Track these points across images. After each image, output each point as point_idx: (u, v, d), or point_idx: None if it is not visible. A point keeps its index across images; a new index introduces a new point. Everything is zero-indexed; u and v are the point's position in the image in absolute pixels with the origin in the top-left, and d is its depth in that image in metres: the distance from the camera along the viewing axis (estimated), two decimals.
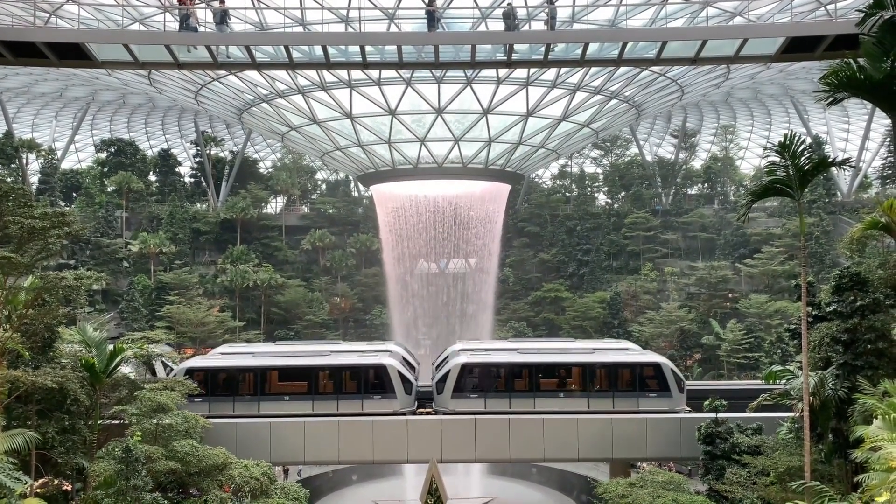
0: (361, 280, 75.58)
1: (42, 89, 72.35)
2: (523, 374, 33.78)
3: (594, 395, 33.09)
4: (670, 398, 32.68)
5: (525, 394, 33.13)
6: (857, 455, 17.46)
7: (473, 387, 33.14)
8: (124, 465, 21.90)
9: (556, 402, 33.02)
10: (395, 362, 33.55)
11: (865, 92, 22.24)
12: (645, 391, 33.00)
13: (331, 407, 32.43)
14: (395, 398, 32.53)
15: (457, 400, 32.61)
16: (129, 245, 71.93)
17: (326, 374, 33.34)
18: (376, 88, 51.78)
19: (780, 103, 79.64)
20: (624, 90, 53.78)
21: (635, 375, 33.51)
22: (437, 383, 33.42)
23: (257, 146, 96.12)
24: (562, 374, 34.29)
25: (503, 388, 33.44)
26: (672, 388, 32.78)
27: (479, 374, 33.65)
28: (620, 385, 33.38)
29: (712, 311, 67.65)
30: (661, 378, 32.90)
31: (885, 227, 22.60)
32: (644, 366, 33.67)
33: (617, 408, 32.71)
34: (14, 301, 24.77)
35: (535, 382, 33.48)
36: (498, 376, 33.84)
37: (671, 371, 33.05)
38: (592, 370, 33.82)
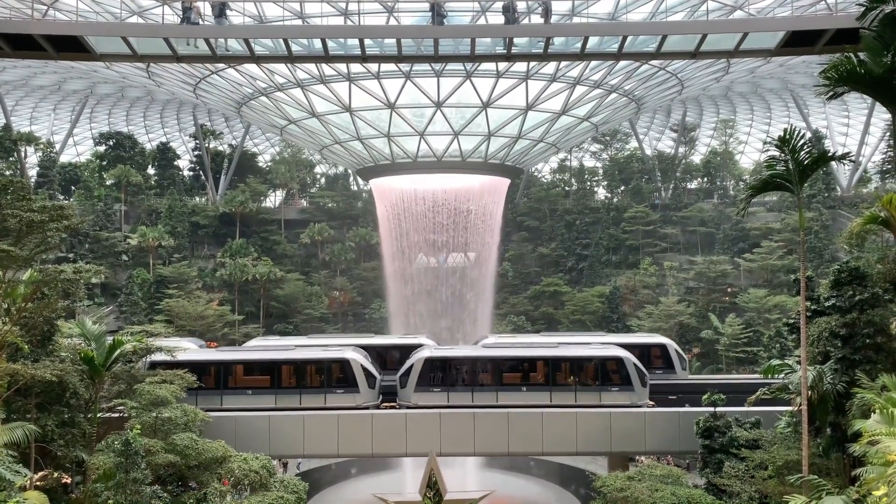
0: (360, 274, 75.58)
1: (40, 82, 72.14)
2: (487, 369, 33.96)
3: (557, 389, 33.20)
4: (632, 392, 32.76)
5: (488, 388, 33.33)
6: (854, 449, 17.50)
7: (437, 381, 33.21)
8: (124, 458, 21.93)
9: (520, 395, 33.09)
10: (358, 356, 33.63)
11: (866, 86, 22.21)
12: (608, 385, 33.14)
13: (293, 401, 32.45)
14: (358, 392, 32.58)
15: (420, 394, 32.70)
16: (127, 238, 71.86)
17: (290, 369, 33.37)
18: (375, 82, 51.67)
19: (780, 97, 79.56)
20: (624, 84, 53.67)
21: (598, 369, 33.67)
22: (401, 377, 33.55)
23: (256, 140, 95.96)
24: (525, 368, 34.37)
25: (466, 382, 33.61)
26: (634, 383, 32.86)
27: (443, 369, 33.73)
28: (583, 379, 33.55)
29: (711, 306, 67.71)
30: (624, 372, 33.03)
31: (884, 221, 22.59)
32: (606, 360, 33.74)
33: (579, 402, 32.82)
34: (13, 294, 24.75)
35: (499, 376, 33.63)
36: (461, 370, 33.95)
37: (633, 365, 33.13)
38: (555, 364, 33.97)
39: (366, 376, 32.99)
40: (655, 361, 38.84)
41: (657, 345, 39.82)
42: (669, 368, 38.49)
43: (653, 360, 38.75)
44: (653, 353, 39.05)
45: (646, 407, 32.86)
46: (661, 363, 38.84)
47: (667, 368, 38.48)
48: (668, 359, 38.89)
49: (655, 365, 38.61)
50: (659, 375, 37.59)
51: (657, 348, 39.44)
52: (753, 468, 24.95)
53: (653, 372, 37.38)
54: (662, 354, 39.10)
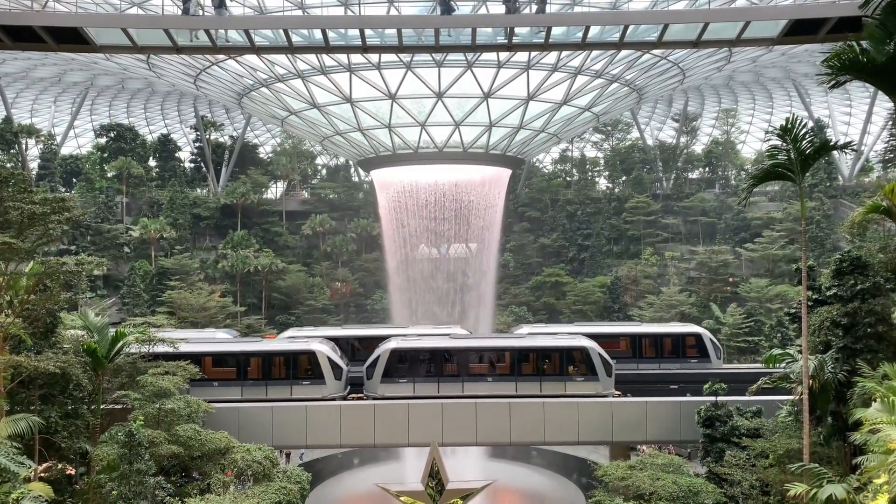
0: (362, 265, 75.65)
1: (40, 74, 72.02)
2: (452, 360, 34.00)
3: (522, 379, 33.24)
4: (597, 382, 32.82)
5: (454, 378, 33.36)
6: (855, 437, 17.54)
7: (403, 372, 33.28)
8: (127, 450, 22.04)
9: (486, 386, 33.15)
10: (325, 348, 33.67)
11: (868, 75, 22.04)
12: (573, 375, 33.22)
13: (260, 393, 32.47)
14: (325, 384, 32.67)
15: (386, 385, 32.74)
16: (129, 230, 71.94)
17: (258, 361, 33.37)
18: (376, 72, 51.53)
19: (782, 86, 79.24)
20: (625, 74, 53.49)
21: (563, 360, 33.69)
22: (368, 369, 33.59)
23: (257, 131, 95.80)
24: (491, 358, 34.41)
25: (433, 373, 33.63)
26: (599, 373, 32.91)
27: (409, 360, 33.75)
28: (549, 369, 33.56)
29: (713, 296, 67.74)
30: (589, 362, 33.08)
31: (886, 210, 22.52)
32: (572, 350, 33.74)
33: (545, 392, 32.83)
34: (15, 286, 24.80)
35: (465, 367, 33.69)
36: (427, 361, 33.97)
37: (599, 355, 33.18)
38: (521, 355, 33.99)
39: (332, 368, 33.08)
40: (690, 351, 38.56)
41: (692, 334, 39.47)
42: (704, 357, 38.03)
43: (687, 350, 38.56)
44: (687, 343, 38.75)
45: (611, 397, 32.92)
46: (695, 352, 38.45)
47: (702, 357, 38.04)
48: (703, 348, 38.43)
49: (690, 354, 38.39)
50: (694, 364, 37.43)
51: (692, 337, 39.09)
52: (754, 457, 25.02)
53: (687, 361, 37.46)
54: (697, 343, 38.69)
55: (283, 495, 24.79)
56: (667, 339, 39.09)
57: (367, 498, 42.58)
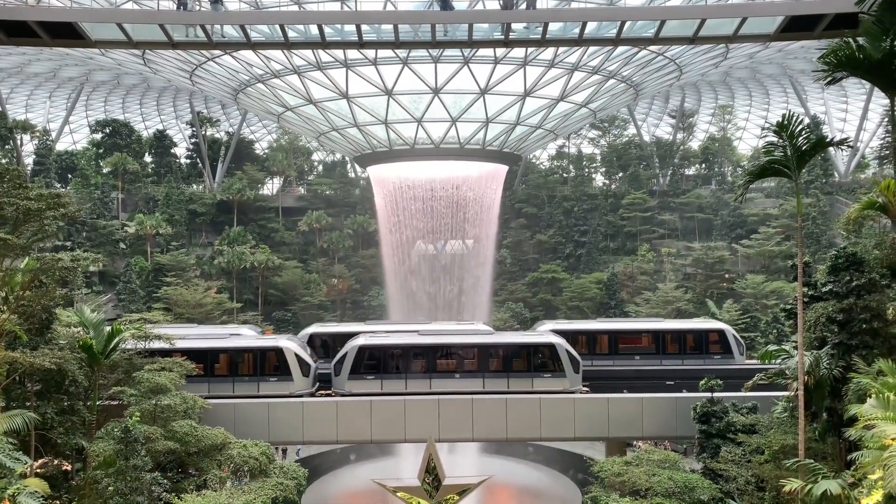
0: (359, 261, 75.58)
1: (35, 69, 71.70)
2: (419, 356, 34.09)
3: (489, 376, 33.33)
4: (564, 378, 32.92)
5: (421, 375, 33.50)
6: (851, 433, 17.61)
7: (370, 368, 33.34)
8: (124, 446, 22.00)
9: (452, 382, 33.24)
10: (292, 345, 33.73)
11: (864, 71, 22.10)
12: (540, 371, 33.22)
13: (227, 389, 32.47)
14: (292, 380, 32.75)
15: (353, 381, 32.82)
16: (125, 226, 71.75)
17: (226, 358, 33.34)
18: (373, 68, 51.45)
19: (779, 83, 79.33)
20: (622, 70, 53.48)
21: (530, 356, 33.74)
22: (335, 365, 33.67)
23: (253, 127, 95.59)
24: (458, 355, 34.49)
25: (399, 369, 33.74)
26: (566, 369, 32.97)
27: (376, 357, 33.81)
28: (515, 366, 33.61)
29: (709, 292, 67.85)
30: (556, 359, 33.14)
31: (881, 207, 22.60)
32: (539, 347, 33.80)
33: (511, 388, 32.91)
34: (10, 283, 24.71)
35: (432, 364, 33.74)
36: (394, 358, 34.06)
37: (566, 352, 33.25)
38: (487, 351, 34.04)
39: (300, 364, 33.16)
40: (713, 347, 38.09)
41: (715, 330, 39.06)
42: (727, 353, 37.60)
43: (710, 346, 38.11)
44: (710, 339, 38.28)
45: (578, 393, 32.96)
46: (718, 349, 37.98)
47: (724, 354, 37.59)
48: (727, 344, 38.00)
49: (713, 350, 37.92)
50: (717, 361, 36.97)
51: (715, 333, 38.63)
52: (750, 453, 25.08)
53: (710, 357, 37.07)
54: (721, 339, 38.20)
55: (279, 491, 24.82)
56: (690, 336, 38.64)
57: (364, 494, 42.65)
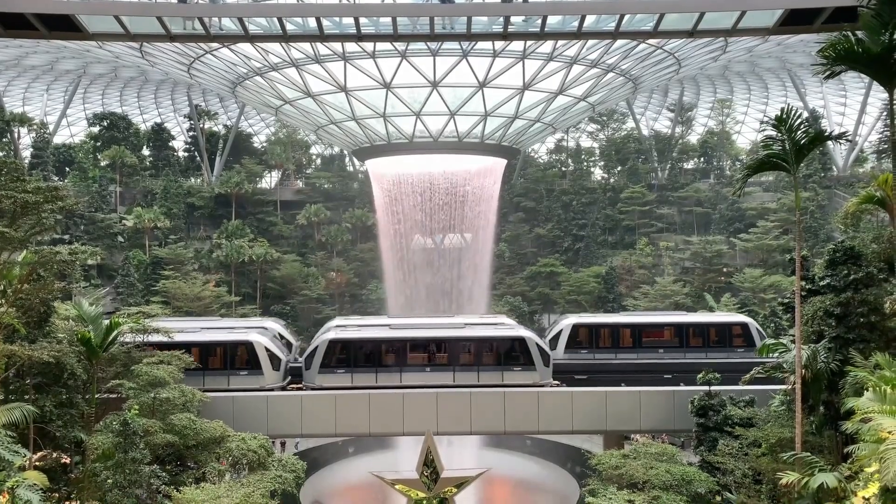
0: (357, 255, 75.54)
1: (32, 62, 71.46)
2: (389, 350, 34.17)
3: (459, 370, 33.42)
4: (534, 372, 33.05)
5: (391, 368, 33.55)
6: (847, 426, 17.68)
7: (340, 362, 33.41)
8: (122, 438, 22.05)
9: (422, 376, 33.30)
10: (263, 339, 33.75)
11: (863, 65, 22.09)
12: (510, 365, 33.37)
13: (196, 382, 32.18)
14: (262, 374, 32.82)
15: (324, 375, 32.87)
16: (123, 220, 71.64)
17: (196, 351, 33.10)
18: (371, 61, 51.32)
19: (778, 77, 79.25)
20: (621, 63, 53.40)
21: (500, 350, 33.86)
22: (306, 359, 33.74)
23: (251, 120, 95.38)
24: (428, 348, 34.53)
25: (370, 363, 33.77)
26: (537, 363, 33.08)
27: (346, 350, 33.86)
28: (486, 359, 33.72)
29: (707, 286, 67.96)
30: (526, 352, 33.24)
31: (879, 201, 22.67)
32: (509, 340, 33.93)
33: (481, 382, 32.98)
34: (9, 276, 24.69)
35: (402, 357, 33.82)
36: (365, 352, 34.11)
37: (536, 345, 33.36)
38: (458, 345, 34.08)
39: (270, 358, 33.20)
40: (737, 340, 37.78)
41: (739, 323, 38.70)
42: (751, 347, 36.99)
43: (734, 339, 37.81)
44: (734, 332, 37.93)
45: (549, 387, 33.04)
46: (742, 342, 37.65)
47: (748, 347, 37.08)
48: (750, 337, 37.54)
49: (737, 344, 37.61)
50: (741, 354, 36.67)
51: (738, 326, 38.28)
52: (747, 446, 25.20)
53: (734, 350, 36.85)
54: (744, 333, 37.82)
55: (278, 484, 24.89)
56: (713, 329, 38.44)
57: (363, 486, 42.81)
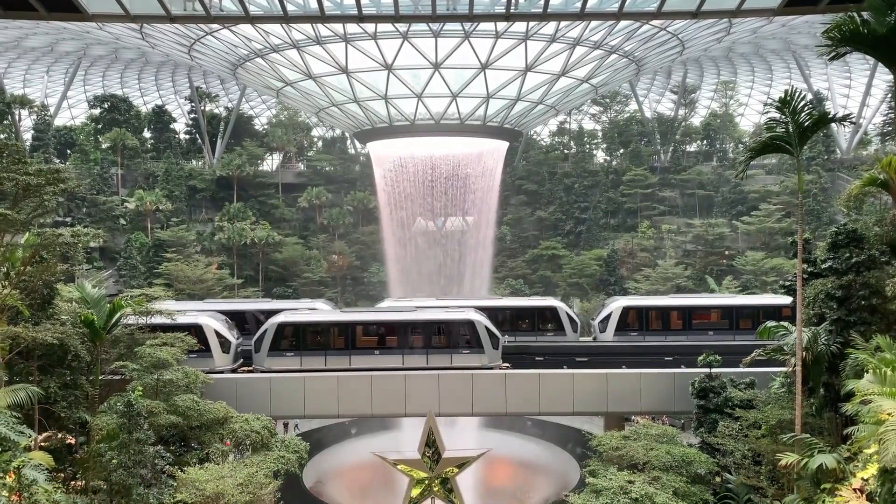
0: (359, 238, 75.61)
1: (32, 43, 71.10)
2: (338, 333, 34.29)
3: (409, 352, 33.66)
4: (483, 354, 33.34)
5: (341, 352, 33.73)
6: (847, 408, 17.76)
7: (290, 346, 33.57)
8: (126, 419, 22.20)
9: (372, 359, 33.54)
10: (212, 322, 33.90)
11: (868, 46, 21.92)
12: (459, 348, 33.61)
13: None
14: (211, 357, 33.07)
15: (272, 358, 33.05)
16: (125, 202, 71.66)
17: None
18: (372, 43, 50.99)
19: (782, 58, 78.70)
20: (624, 45, 53.02)
21: (450, 333, 34.09)
22: (256, 342, 33.86)
23: (252, 102, 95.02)
24: (379, 332, 34.73)
25: (319, 346, 33.95)
26: (485, 345, 33.35)
27: (296, 334, 33.99)
28: (436, 342, 33.93)
29: (708, 268, 67.99)
30: (475, 335, 33.51)
31: (883, 183, 22.55)
32: (458, 323, 34.12)
33: (431, 364, 33.23)
34: (12, 258, 24.77)
35: (352, 341, 34.02)
36: (313, 335, 34.27)
37: (485, 328, 33.58)
38: (407, 328, 34.31)
39: (219, 341, 33.43)
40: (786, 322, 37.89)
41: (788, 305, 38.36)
42: None
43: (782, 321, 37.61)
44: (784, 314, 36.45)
45: (497, 369, 33.25)
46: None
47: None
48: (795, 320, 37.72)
49: None
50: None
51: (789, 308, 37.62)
52: (747, 427, 25.31)
53: None
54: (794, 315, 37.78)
55: (281, 464, 25.09)
56: (761, 311, 38.50)
57: (365, 466, 43.15)
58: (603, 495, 21.04)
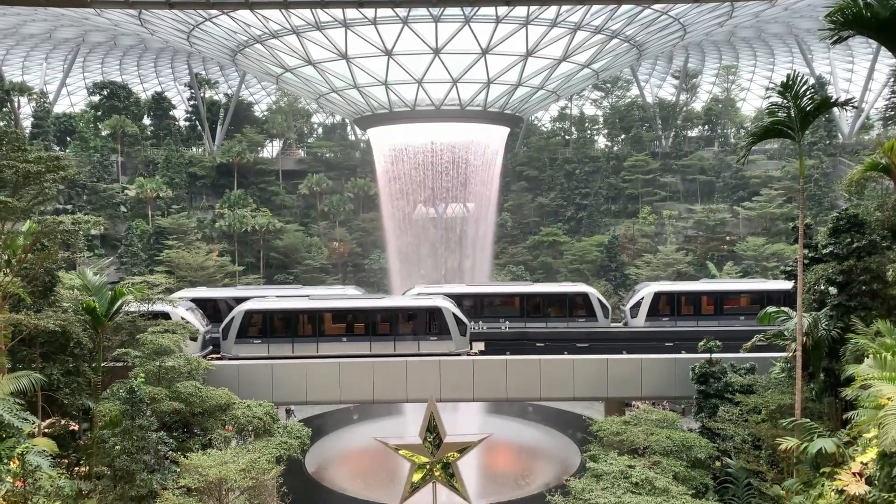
0: (360, 225, 75.59)
1: (30, 30, 70.75)
2: (305, 321, 34.37)
3: (376, 340, 33.77)
4: (450, 341, 33.49)
5: (308, 339, 33.90)
6: (847, 393, 17.81)
7: (257, 333, 33.66)
8: (129, 406, 22.31)
9: (339, 346, 33.69)
10: (180, 310, 33.74)
11: (871, 30, 21.75)
12: (426, 335, 33.75)
13: None
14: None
15: (240, 345, 33.18)
16: (125, 189, 71.58)
17: None
18: (372, 28, 50.68)
19: (784, 42, 78.23)
20: (625, 29, 52.69)
21: (417, 320, 34.20)
22: (223, 330, 34.02)
23: (252, 89, 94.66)
24: (347, 319, 34.80)
25: (286, 334, 34.07)
26: (453, 332, 33.48)
27: (263, 321, 34.03)
28: (403, 329, 34.08)
29: (709, 254, 67.99)
30: (442, 322, 33.60)
31: (884, 168, 22.47)
32: (425, 310, 34.20)
33: (398, 351, 33.34)
34: (13, 245, 24.76)
35: (319, 328, 34.15)
36: (281, 322, 34.32)
37: (452, 315, 33.67)
38: (375, 315, 34.38)
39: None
40: None
41: None
42: None
43: None
44: None
45: (465, 355, 33.35)
46: None
47: None
48: None
49: None
50: None
51: None
52: (747, 412, 25.40)
53: None
54: None
55: (283, 450, 25.24)
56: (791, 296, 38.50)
57: (367, 452, 43.41)
58: (603, 480, 21.14)
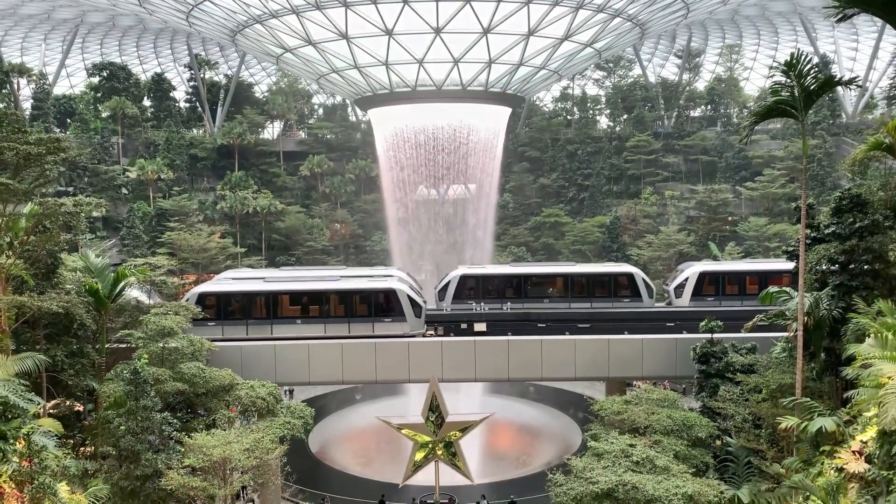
0: (361, 206, 75.50)
1: (28, 11, 70.27)
2: (260, 303, 34.42)
3: (331, 322, 33.89)
4: (404, 323, 33.68)
5: (262, 321, 34.02)
6: (847, 372, 17.89)
7: (212, 315, 33.71)
8: (133, 387, 22.46)
9: (294, 328, 33.82)
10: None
11: (877, 7, 21.58)
12: (380, 316, 33.91)
13: None
14: None
15: (195, 327, 32.85)
16: (126, 171, 71.45)
17: None
18: (372, 7, 50.22)
19: (788, 21, 77.49)
20: (628, 8, 52.18)
21: (372, 302, 34.29)
22: None
23: (252, 69, 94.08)
24: (301, 301, 34.79)
25: (241, 316, 34.18)
26: (407, 314, 33.62)
27: (218, 303, 34.11)
28: (357, 311, 34.13)
29: (711, 234, 67.87)
30: (397, 304, 33.75)
31: (888, 147, 22.42)
32: (380, 293, 34.34)
33: (353, 333, 33.47)
34: (14, 227, 24.80)
35: (273, 310, 34.22)
36: (236, 305, 34.42)
37: (407, 297, 33.83)
38: (329, 297, 34.40)
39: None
40: None
41: None
42: None
43: None
44: None
45: (420, 336, 33.47)
46: None
47: None
48: None
49: None
50: None
51: None
52: (748, 392, 25.51)
53: None
54: None
55: (286, 430, 25.45)
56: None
57: (370, 431, 43.71)
58: (604, 458, 21.30)
